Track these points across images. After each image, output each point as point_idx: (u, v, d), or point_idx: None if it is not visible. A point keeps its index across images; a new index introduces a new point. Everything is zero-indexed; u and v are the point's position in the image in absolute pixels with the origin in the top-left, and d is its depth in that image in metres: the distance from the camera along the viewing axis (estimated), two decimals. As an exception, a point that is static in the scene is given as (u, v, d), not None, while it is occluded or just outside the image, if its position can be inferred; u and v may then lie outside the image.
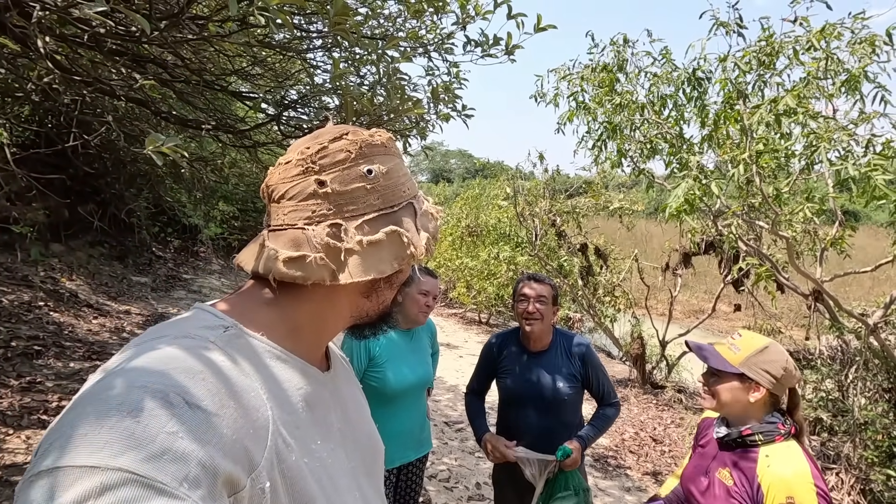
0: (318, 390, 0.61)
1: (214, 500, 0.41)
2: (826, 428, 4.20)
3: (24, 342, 3.71)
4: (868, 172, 2.45)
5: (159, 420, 0.40)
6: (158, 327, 0.53)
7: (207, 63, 2.99)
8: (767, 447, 1.33)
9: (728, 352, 1.42)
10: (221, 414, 0.45)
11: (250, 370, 0.52)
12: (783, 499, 1.21)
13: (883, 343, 3.98)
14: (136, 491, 0.37)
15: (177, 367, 0.45)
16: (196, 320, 0.55)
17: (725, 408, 1.42)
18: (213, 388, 0.46)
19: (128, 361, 0.45)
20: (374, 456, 0.72)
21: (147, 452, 0.38)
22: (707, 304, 10.66)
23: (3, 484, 2.22)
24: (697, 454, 1.54)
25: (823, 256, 4.53)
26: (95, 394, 0.42)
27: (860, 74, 3.32)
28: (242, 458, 0.45)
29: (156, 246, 8.59)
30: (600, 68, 4.08)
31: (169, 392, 0.42)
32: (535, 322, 1.99)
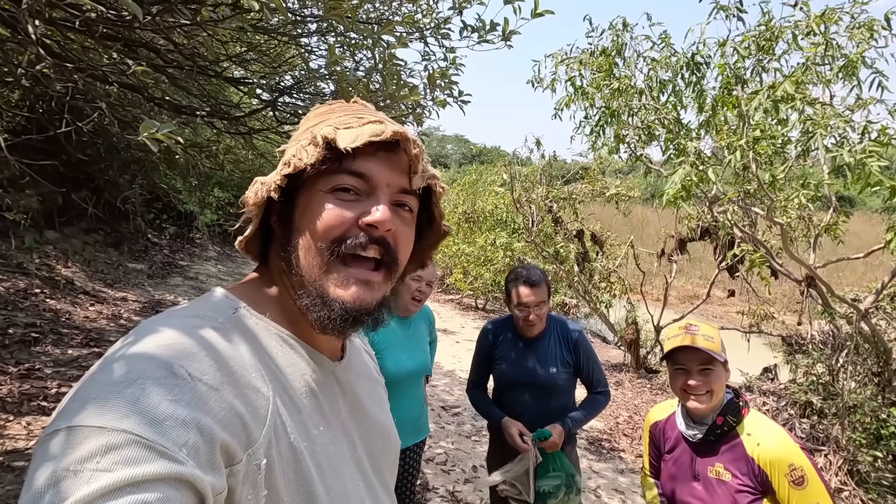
0: (324, 377, 0.62)
1: (212, 468, 0.43)
2: (816, 411, 4.28)
3: (21, 329, 3.71)
4: (863, 159, 2.46)
5: (163, 388, 0.43)
6: (175, 308, 0.56)
7: (200, 48, 2.94)
8: (742, 427, 1.36)
9: (709, 343, 1.37)
10: (222, 388, 0.47)
11: (254, 350, 0.54)
12: (786, 469, 1.26)
13: (873, 328, 4.04)
14: (138, 452, 0.39)
15: (183, 342, 0.48)
16: (209, 301, 0.58)
17: (715, 401, 1.38)
18: (215, 364, 0.48)
19: (140, 336, 0.48)
20: (385, 450, 0.71)
21: (150, 417, 0.41)
22: (701, 290, 10.74)
23: (5, 469, 2.25)
24: (671, 461, 1.49)
25: (817, 243, 4.57)
26: (108, 363, 0.45)
27: (858, 60, 3.31)
28: (240, 433, 0.47)
29: (151, 233, 8.55)
30: (599, 53, 4.04)
31: (173, 364, 0.45)
32: (535, 325, 2.00)
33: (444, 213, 0.69)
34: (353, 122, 0.59)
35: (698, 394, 1.38)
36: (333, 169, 0.56)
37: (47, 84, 2.76)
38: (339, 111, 0.63)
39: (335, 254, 0.56)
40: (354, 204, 0.57)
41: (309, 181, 0.58)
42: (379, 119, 0.59)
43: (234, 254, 10.32)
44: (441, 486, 3.32)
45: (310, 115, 0.65)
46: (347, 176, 0.57)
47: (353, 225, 0.57)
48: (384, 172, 0.58)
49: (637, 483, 3.80)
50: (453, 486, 3.34)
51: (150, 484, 0.38)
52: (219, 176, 9.06)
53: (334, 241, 0.56)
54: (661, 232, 7.49)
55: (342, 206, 0.57)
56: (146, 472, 0.38)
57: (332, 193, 0.57)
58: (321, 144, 0.56)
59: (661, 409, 1.60)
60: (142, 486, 0.38)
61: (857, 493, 3.72)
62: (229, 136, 3.47)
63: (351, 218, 0.57)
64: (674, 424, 1.51)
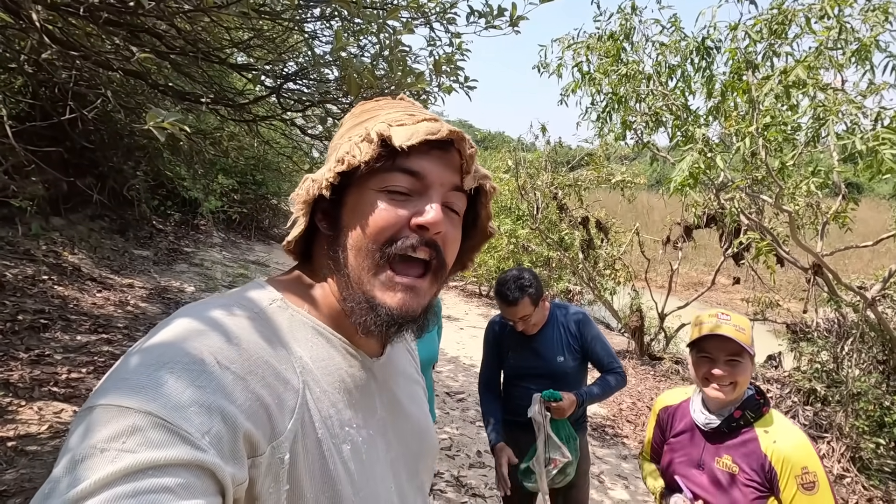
0: (361, 374, 0.60)
1: (234, 457, 0.43)
2: (819, 398, 4.30)
3: (30, 316, 3.75)
4: (876, 147, 2.42)
5: (190, 374, 0.43)
6: (215, 296, 0.56)
7: (203, 34, 2.91)
8: (761, 423, 1.33)
9: (739, 334, 1.32)
10: (249, 378, 0.47)
11: (288, 342, 0.54)
12: (799, 471, 1.23)
13: (880, 316, 4.03)
14: (162, 435, 0.40)
15: (216, 330, 0.48)
16: (248, 291, 0.57)
17: (738, 393, 1.34)
18: (245, 354, 0.48)
19: (176, 321, 0.49)
20: (422, 451, 0.69)
21: (175, 402, 0.41)
22: (706, 277, 10.71)
23: (19, 453, 2.29)
24: (676, 446, 1.47)
25: (825, 230, 4.53)
26: (142, 346, 0.46)
27: (872, 44, 3.24)
28: (265, 424, 0.47)
29: (156, 219, 8.57)
30: (606, 37, 3.97)
31: (203, 351, 0.45)
32: (531, 327, 2.01)
33: (491, 214, 0.67)
34: (405, 119, 0.57)
35: (722, 384, 1.32)
36: (387, 167, 0.55)
37: (51, 71, 2.74)
38: (388, 108, 0.61)
39: (385, 255, 0.55)
40: (406, 204, 0.56)
41: (360, 179, 0.56)
42: (433, 117, 0.58)
43: (238, 240, 10.35)
44: (446, 471, 3.37)
45: (355, 112, 0.64)
46: (401, 175, 0.55)
47: (405, 226, 0.55)
48: (438, 172, 0.56)
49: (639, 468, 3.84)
50: (458, 472, 3.38)
51: (171, 469, 0.39)
52: (223, 163, 9.04)
53: (385, 243, 0.55)
54: (667, 219, 7.45)
55: (394, 205, 0.55)
56: (168, 456, 0.39)
57: (384, 192, 0.55)
58: (376, 141, 0.54)
59: (673, 394, 1.57)
60: (163, 471, 0.39)
61: (858, 479, 3.75)
62: (233, 124, 3.45)
63: (403, 218, 0.55)
64: (685, 411, 1.47)
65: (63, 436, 2.50)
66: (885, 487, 3.73)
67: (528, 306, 1.93)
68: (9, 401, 2.64)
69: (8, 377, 2.86)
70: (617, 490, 3.58)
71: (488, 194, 0.63)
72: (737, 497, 1.30)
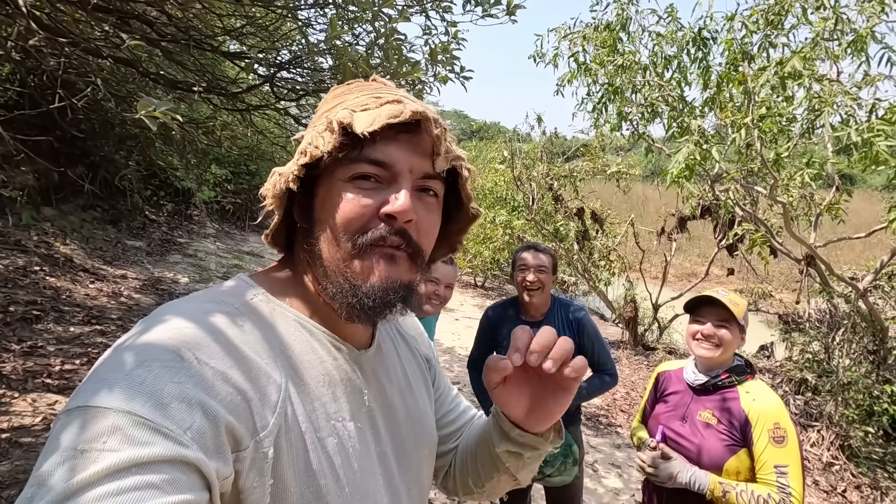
0: (346, 367, 0.59)
1: (218, 452, 0.43)
2: (810, 388, 4.35)
3: (22, 307, 3.71)
4: (871, 138, 2.43)
5: (169, 372, 0.43)
6: (196, 293, 0.55)
7: (195, 21, 2.86)
8: (743, 386, 1.50)
9: (733, 306, 1.50)
10: (230, 373, 0.46)
11: (269, 336, 0.53)
12: (771, 425, 1.39)
13: (871, 307, 4.07)
14: (144, 433, 0.39)
15: (194, 327, 0.47)
16: (227, 286, 0.57)
17: (722, 355, 1.51)
18: (224, 349, 0.47)
19: (153, 320, 0.48)
20: (417, 444, 0.68)
21: (155, 400, 0.41)
22: (699, 268, 10.77)
23: (13, 445, 2.28)
24: (665, 403, 1.64)
25: (818, 221, 4.56)
26: (120, 345, 0.46)
27: (867, 35, 3.24)
28: (247, 418, 0.46)
29: (149, 209, 8.49)
30: (603, 27, 3.94)
31: (181, 348, 0.45)
32: (535, 292, 2.00)
33: (472, 196, 0.63)
34: (370, 102, 0.55)
35: (710, 341, 1.50)
36: (352, 156, 0.53)
37: (39, 59, 2.69)
38: (357, 91, 0.59)
39: (356, 245, 0.54)
40: (374, 192, 0.54)
41: (328, 170, 0.55)
42: (397, 98, 0.55)
43: (232, 231, 10.29)
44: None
45: (328, 97, 0.62)
46: (366, 164, 0.53)
47: (373, 216, 0.54)
48: (405, 157, 0.54)
49: (633, 458, 3.88)
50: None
51: (155, 465, 0.39)
52: (215, 152, 8.96)
53: (355, 233, 0.54)
54: (662, 210, 7.47)
55: (361, 195, 0.54)
56: (151, 453, 0.39)
57: (351, 182, 0.54)
58: (337, 130, 0.52)
59: (672, 363, 1.76)
60: (147, 467, 0.38)
61: (847, 466, 3.81)
62: (227, 113, 3.40)
63: (371, 208, 0.53)
64: (680, 375, 1.65)
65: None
66: (873, 475, 3.79)
67: (550, 263, 2.02)
68: (2, 392, 2.63)
69: (0, 369, 2.84)
70: (611, 478, 3.62)
71: (464, 176, 0.60)
72: (710, 444, 1.46)
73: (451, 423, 0.81)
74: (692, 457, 1.49)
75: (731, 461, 1.43)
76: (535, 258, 2.00)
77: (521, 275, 2.01)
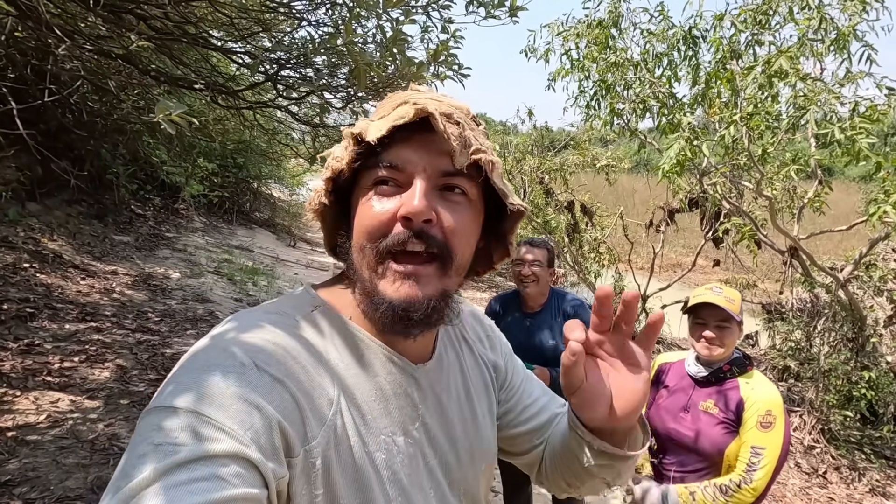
0: (401, 380, 0.59)
1: (274, 454, 0.46)
2: (793, 374, 4.52)
3: (15, 305, 3.68)
4: (854, 136, 2.53)
5: (232, 377, 0.46)
6: (265, 303, 0.59)
7: (191, 16, 2.84)
8: (743, 377, 1.57)
9: (729, 304, 1.56)
10: (286, 381, 0.49)
11: (326, 350, 0.55)
12: (763, 411, 1.47)
13: (851, 296, 4.23)
14: (210, 431, 0.43)
15: (257, 337, 0.51)
16: (294, 298, 0.60)
17: (725, 353, 1.58)
18: (283, 359, 0.50)
19: (223, 328, 0.53)
20: (471, 461, 0.66)
21: (219, 402, 0.45)
22: (685, 259, 10.97)
23: (20, 443, 2.29)
24: (666, 395, 1.70)
25: (801, 214, 4.70)
26: (192, 352, 0.50)
27: (849, 33, 3.35)
28: (298, 426, 0.49)
29: (135, 204, 8.36)
30: (595, 24, 4.00)
31: (244, 355, 0.49)
32: (531, 284, 2.10)
33: (506, 189, 0.58)
34: (387, 109, 0.56)
35: (712, 344, 1.57)
36: (372, 163, 0.54)
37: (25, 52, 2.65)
38: (388, 100, 0.59)
39: (379, 252, 0.53)
40: (392, 198, 0.54)
41: (357, 180, 0.57)
42: (405, 99, 0.55)
43: (220, 225, 10.18)
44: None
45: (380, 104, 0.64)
46: (382, 169, 0.54)
47: (392, 220, 0.53)
48: (418, 157, 0.53)
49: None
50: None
51: (222, 459, 0.42)
52: (202, 146, 8.84)
53: (377, 240, 0.53)
54: (650, 203, 7.59)
55: (381, 200, 0.54)
56: (218, 449, 0.42)
57: (372, 189, 0.55)
58: (351, 141, 0.55)
59: (671, 354, 1.82)
60: (216, 460, 0.42)
61: (827, 449, 3.98)
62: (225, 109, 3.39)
63: (389, 213, 0.53)
64: (680, 367, 1.71)
65: (62, 425, 2.50)
66: (852, 457, 3.97)
67: (545, 257, 2.12)
68: (3, 391, 2.62)
69: (0, 367, 2.83)
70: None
71: (486, 169, 0.56)
72: (710, 431, 1.53)
73: (533, 418, 0.78)
74: (693, 445, 1.56)
75: (732, 446, 1.51)
76: (529, 252, 2.13)
77: (518, 268, 2.14)
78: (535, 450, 0.78)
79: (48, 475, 2.15)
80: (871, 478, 3.78)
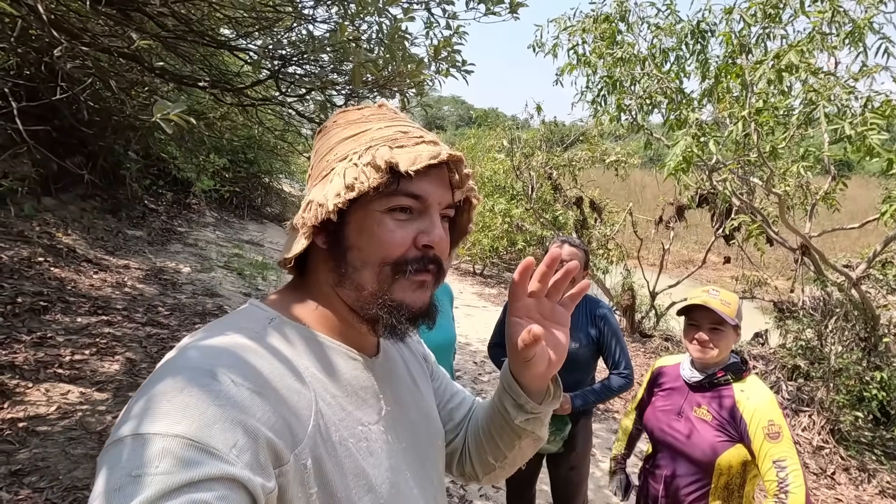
0: (364, 375, 0.64)
1: (261, 468, 0.46)
2: (802, 374, 4.45)
3: (29, 298, 3.76)
4: (864, 132, 2.48)
5: (210, 395, 0.46)
6: (216, 322, 0.59)
7: (196, 13, 2.87)
8: (738, 384, 1.54)
9: (724, 307, 1.53)
10: (265, 393, 0.50)
11: (293, 355, 0.57)
12: (765, 423, 1.44)
13: (863, 295, 4.15)
14: (193, 454, 0.42)
15: (225, 352, 0.51)
16: (247, 314, 0.61)
17: (718, 356, 1.55)
18: (256, 371, 0.51)
19: (184, 349, 0.52)
20: (429, 439, 0.73)
21: (200, 422, 0.44)
22: (697, 255, 10.85)
23: (30, 434, 2.35)
24: (662, 398, 1.69)
25: (814, 211, 4.62)
26: (160, 373, 0.49)
27: (865, 26, 3.26)
28: (286, 434, 0.50)
29: (148, 199, 8.49)
30: (602, 19, 3.95)
31: (217, 372, 0.48)
32: None
33: (472, 219, 0.73)
34: (402, 139, 0.60)
35: (705, 347, 1.54)
36: (392, 190, 0.58)
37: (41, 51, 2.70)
38: (376, 120, 0.63)
39: (397, 272, 0.59)
40: (410, 223, 0.60)
41: (364, 200, 0.59)
42: (432, 139, 0.62)
43: (231, 219, 10.30)
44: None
45: (338, 122, 0.66)
46: (405, 198, 0.59)
47: (412, 245, 0.59)
48: (436, 191, 0.60)
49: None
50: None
51: (206, 483, 0.41)
52: (213, 141, 8.93)
53: (396, 261, 0.59)
54: (660, 199, 7.51)
55: (400, 226, 0.59)
56: (202, 473, 0.41)
57: (388, 213, 0.59)
58: (384, 169, 0.57)
59: (670, 358, 1.80)
60: (199, 486, 0.41)
61: (836, 450, 3.93)
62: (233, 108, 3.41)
63: (409, 238, 0.59)
64: (676, 370, 1.69)
65: (71, 416, 2.56)
66: (861, 458, 3.91)
67: (579, 259, 2.02)
68: (16, 382, 2.69)
69: (13, 359, 2.90)
70: (607, 462, 3.73)
71: (474, 205, 0.69)
72: (702, 440, 1.51)
73: (456, 409, 0.85)
74: (685, 450, 1.55)
75: (724, 456, 1.48)
76: (569, 252, 2.01)
77: None
78: (457, 440, 0.83)
79: (57, 465, 2.21)
80: (881, 479, 3.72)
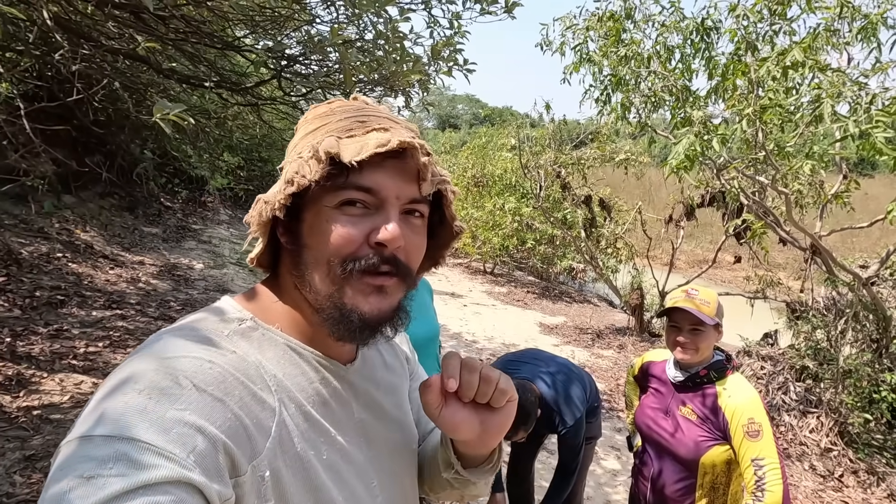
0: (336, 383, 0.61)
1: (218, 476, 0.44)
2: (811, 375, 4.39)
3: (47, 292, 3.90)
4: (869, 129, 2.44)
5: (169, 398, 0.44)
6: (184, 319, 0.57)
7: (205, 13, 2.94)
8: (721, 382, 1.55)
9: (703, 307, 1.53)
10: (226, 400, 0.48)
11: (261, 361, 0.54)
12: (745, 420, 1.45)
13: (874, 296, 4.08)
14: (149, 458, 0.41)
15: (189, 355, 0.49)
16: (217, 313, 0.58)
17: (700, 356, 1.56)
18: (220, 376, 0.49)
19: (148, 349, 0.50)
20: (404, 444, 0.70)
21: (158, 426, 0.42)
22: (710, 254, 10.70)
23: (45, 421, 2.45)
24: (652, 395, 1.71)
25: (825, 210, 4.54)
26: (119, 375, 0.47)
27: (878, 21, 3.21)
28: (244, 444, 0.48)
29: (164, 197, 8.68)
30: (607, 17, 3.94)
31: (179, 376, 0.46)
32: None
33: (455, 215, 0.65)
34: (356, 128, 0.55)
35: (686, 349, 1.55)
36: (339, 183, 0.53)
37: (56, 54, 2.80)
38: (340, 112, 0.59)
39: (347, 271, 0.54)
40: (363, 219, 0.55)
41: (314, 195, 0.55)
42: (384, 126, 0.56)
43: (244, 217, 10.46)
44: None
45: (308, 118, 0.62)
46: (354, 191, 0.54)
47: (363, 243, 0.54)
48: (392, 184, 0.54)
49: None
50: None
51: (162, 486, 0.40)
52: (227, 140, 9.09)
53: (346, 260, 0.54)
54: (670, 198, 7.45)
55: (350, 222, 0.54)
56: (157, 476, 0.40)
57: (338, 209, 0.54)
58: (325, 160, 0.52)
59: (658, 352, 1.81)
60: (154, 489, 0.40)
61: (845, 452, 3.87)
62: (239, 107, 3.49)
63: (360, 235, 0.54)
64: (663, 369, 1.70)
65: (83, 405, 2.65)
66: (870, 461, 3.85)
67: None
68: (32, 372, 2.80)
69: (30, 350, 3.01)
70: (609, 460, 3.74)
71: (448, 198, 0.62)
72: (687, 439, 1.53)
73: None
74: (670, 448, 1.57)
75: (707, 455, 1.50)
76: None
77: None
78: None
79: (69, 452, 2.30)
80: (890, 483, 3.66)
